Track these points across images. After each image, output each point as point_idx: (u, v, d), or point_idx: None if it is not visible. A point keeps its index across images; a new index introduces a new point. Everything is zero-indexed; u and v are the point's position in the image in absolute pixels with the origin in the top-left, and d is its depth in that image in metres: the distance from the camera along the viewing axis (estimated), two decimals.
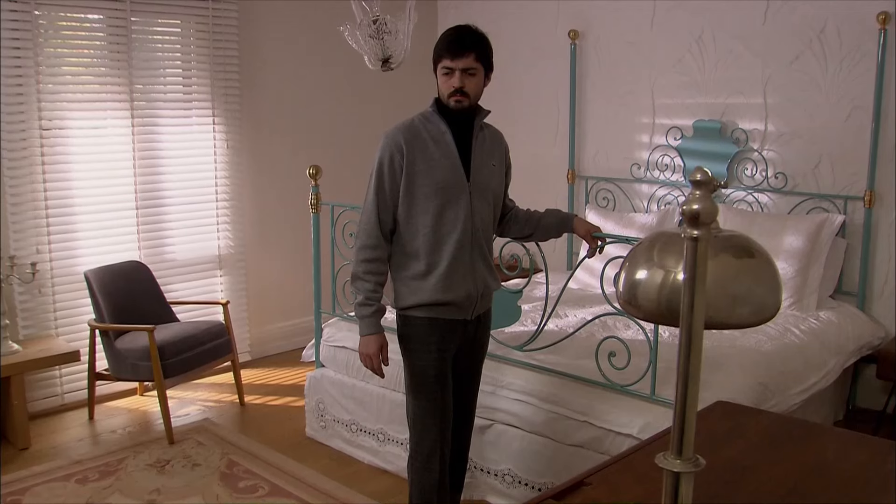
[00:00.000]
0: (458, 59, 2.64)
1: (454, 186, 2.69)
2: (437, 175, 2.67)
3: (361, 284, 2.75)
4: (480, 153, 2.77)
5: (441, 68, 2.67)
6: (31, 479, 3.72)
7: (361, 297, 2.75)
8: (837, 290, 4.37)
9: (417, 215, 2.69)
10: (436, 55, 2.70)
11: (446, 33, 2.70)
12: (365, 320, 2.76)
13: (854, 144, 4.28)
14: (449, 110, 2.71)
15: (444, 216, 2.69)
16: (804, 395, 3.51)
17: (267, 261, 5.52)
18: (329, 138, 5.72)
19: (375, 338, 2.77)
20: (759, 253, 0.96)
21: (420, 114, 2.78)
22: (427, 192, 2.67)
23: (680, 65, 4.94)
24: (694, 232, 0.85)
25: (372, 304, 2.74)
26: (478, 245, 2.77)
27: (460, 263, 2.72)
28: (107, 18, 4.60)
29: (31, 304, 4.42)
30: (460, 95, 2.67)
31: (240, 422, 4.47)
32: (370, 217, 2.73)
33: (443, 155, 2.70)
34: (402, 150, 2.68)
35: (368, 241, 2.74)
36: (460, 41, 2.65)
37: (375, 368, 2.80)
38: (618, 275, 1.04)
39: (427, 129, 2.72)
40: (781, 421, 2.20)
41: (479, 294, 2.80)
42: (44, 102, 4.38)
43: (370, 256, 2.74)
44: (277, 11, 5.37)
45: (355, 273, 2.76)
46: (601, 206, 5.35)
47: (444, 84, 2.68)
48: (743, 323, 0.96)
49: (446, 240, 2.69)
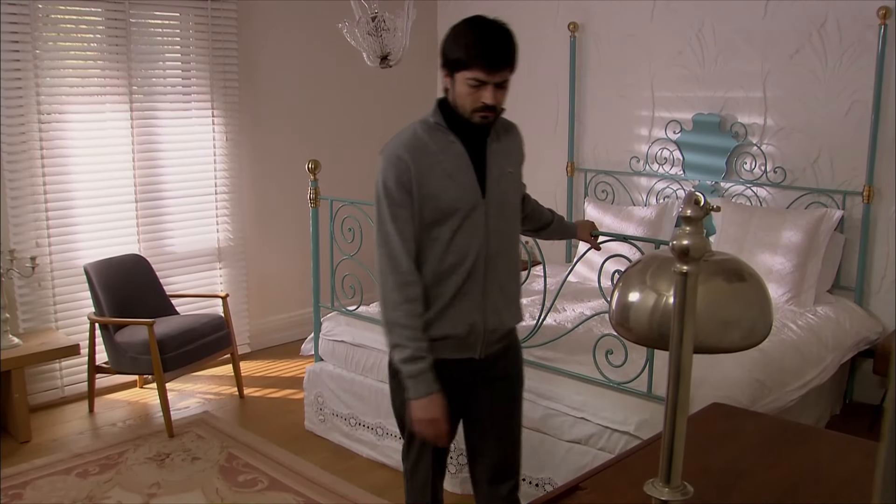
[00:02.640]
0: (495, 73, 2.17)
1: (468, 206, 2.25)
2: (450, 195, 2.24)
3: (403, 333, 2.22)
4: (496, 161, 2.33)
5: (468, 79, 2.18)
6: (32, 472, 3.75)
7: (409, 351, 2.21)
8: (835, 285, 4.38)
9: (425, 245, 2.27)
10: (460, 60, 2.19)
11: (478, 37, 2.18)
12: (419, 379, 2.21)
13: (853, 139, 4.28)
14: (462, 120, 2.26)
15: (455, 242, 2.26)
16: (801, 391, 3.53)
17: (266, 253, 5.53)
18: (328, 131, 5.72)
19: (436, 397, 2.22)
20: (751, 276, 0.97)
21: (421, 121, 2.31)
22: (437, 216, 2.24)
23: (680, 58, 4.93)
24: (683, 267, 0.86)
25: (424, 356, 2.22)
26: (494, 271, 2.32)
27: (467, 295, 2.29)
28: (106, 11, 4.59)
29: (31, 298, 4.43)
30: (489, 112, 2.23)
31: (239, 415, 4.50)
32: (395, 249, 2.23)
33: (455, 170, 2.26)
34: (408, 169, 2.21)
35: (402, 278, 2.23)
36: (502, 52, 2.19)
37: (441, 434, 2.27)
38: (612, 294, 1.05)
39: (433, 141, 2.26)
40: (776, 423, 2.22)
41: (489, 329, 2.34)
42: (42, 96, 4.38)
43: (409, 295, 2.23)
44: (276, 3, 5.35)
45: (392, 320, 2.23)
46: (600, 199, 5.35)
47: (468, 96, 2.20)
48: (734, 347, 0.96)
49: (455, 269, 2.27)
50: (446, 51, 2.24)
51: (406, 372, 2.22)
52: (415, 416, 2.24)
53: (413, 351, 2.20)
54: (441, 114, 2.28)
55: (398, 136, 2.30)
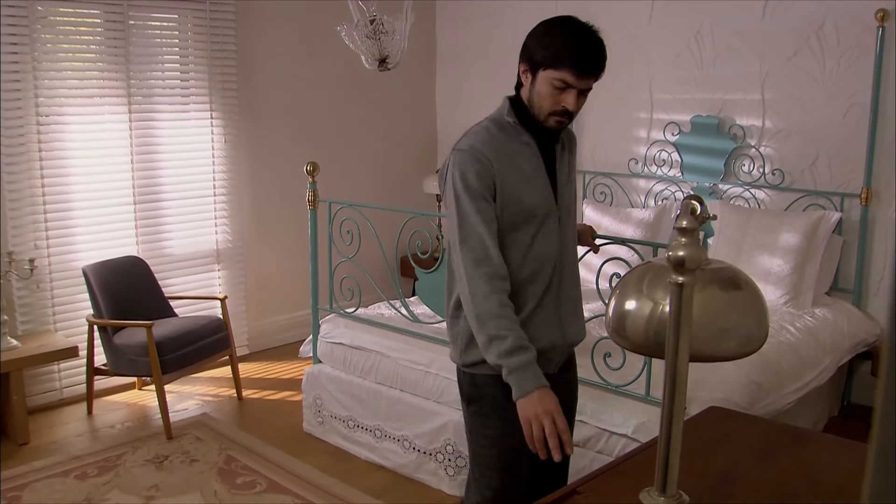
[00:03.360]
0: (585, 78, 2.07)
1: (544, 212, 2.15)
2: (529, 199, 2.12)
3: (500, 323, 2.01)
4: (563, 167, 2.25)
5: (553, 79, 2.06)
6: (30, 474, 3.74)
7: (510, 341, 1.99)
8: (833, 287, 4.39)
9: (504, 249, 2.11)
10: (548, 58, 2.08)
11: (574, 37, 2.09)
12: (526, 372, 1.99)
13: (851, 142, 4.29)
14: (533, 121, 2.15)
15: (534, 249, 2.14)
16: (799, 393, 3.53)
17: (265, 255, 5.53)
18: (326, 133, 5.72)
19: (548, 391, 2.00)
20: (747, 284, 0.97)
21: (492, 121, 2.19)
22: (517, 221, 2.12)
23: (678, 60, 4.93)
24: (679, 278, 0.86)
25: (528, 346, 2.02)
26: (567, 283, 2.24)
27: (547, 307, 2.18)
28: (104, 13, 4.59)
29: (30, 300, 4.43)
30: (566, 117, 2.12)
31: (238, 417, 4.50)
32: (483, 243, 2.06)
33: (532, 173, 2.15)
34: (490, 168, 2.08)
35: (492, 270, 2.05)
36: (596, 57, 2.09)
37: (562, 430, 1.98)
38: (608, 302, 1.05)
39: (509, 141, 2.15)
40: (773, 427, 2.22)
41: (567, 344, 2.27)
42: (41, 98, 4.38)
43: (502, 286, 2.05)
44: (275, 4, 5.35)
45: (485, 311, 2.02)
46: (598, 200, 5.36)
47: (549, 98, 2.08)
48: (730, 355, 0.97)
49: (534, 278, 2.15)
50: (533, 46, 2.13)
51: (509, 366, 1.99)
52: (529, 413, 1.96)
53: (514, 340, 1.99)
54: (514, 116, 2.16)
55: (471, 133, 2.18)
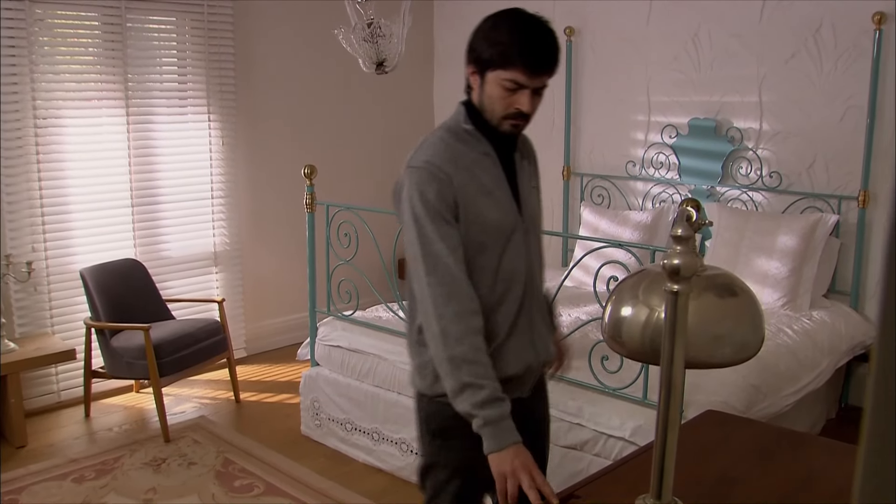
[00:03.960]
0: (537, 76, 1.88)
1: (510, 227, 1.97)
2: (492, 214, 1.94)
3: (475, 370, 1.81)
4: (524, 175, 2.07)
5: (503, 80, 1.87)
6: (28, 477, 3.74)
7: (486, 392, 1.80)
8: (831, 290, 4.39)
9: (471, 274, 1.91)
10: (496, 58, 1.87)
11: (521, 33, 1.86)
12: (502, 426, 1.80)
13: (849, 144, 4.29)
14: (490, 128, 1.96)
15: (502, 269, 1.96)
16: (796, 395, 3.53)
17: (262, 257, 5.53)
18: (324, 136, 5.72)
19: (522, 447, 1.80)
20: (743, 291, 0.97)
21: (447, 129, 1.99)
22: (483, 240, 1.93)
23: (676, 62, 4.93)
24: (674, 286, 0.86)
25: (503, 398, 1.82)
26: (537, 300, 2.06)
27: (521, 328, 2.00)
28: (102, 15, 4.59)
29: (27, 303, 4.43)
30: (521, 120, 1.95)
31: (235, 419, 4.49)
32: (450, 273, 1.86)
33: (493, 186, 1.96)
34: (451, 185, 1.89)
35: (462, 306, 1.85)
36: (547, 53, 1.89)
37: (541, 483, 1.73)
38: (604, 308, 1.05)
39: (466, 151, 1.95)
40: (770, 431, 2.22)
41: (541, 363, 2.08)
42: (39, 100, 4.37)
43: (474, 326, 1.86)
44: (272, 7, 5.35)
45: (458, 355, 1.82)
46: (596, 203, 5.36)
47: (500, 100, 1.90)
48: (725, 362, 0.97)
49: (505, 298, 1.96)
50: (478, 45, 1.91)
51: (485, 418, 1.79)
52: (505, 468, 1.77)
53: (490, 391, 1.80)
54: (470, 122, 1.97)
55: (427, 144, 1.97)
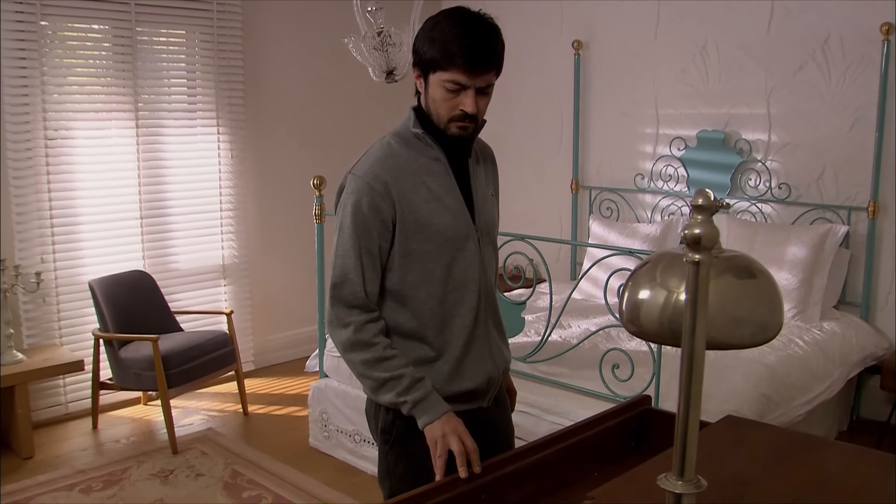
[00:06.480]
0: (478, 75, 1.83)
1: (461, 235, 1.93)
2: (440, 221, 1.90)
3: (390, 364, 1.88)
4: (480, 181, 2.02)
5: (444, 81, 1.83)
6: (35, 488, 3.73)
7: (406, 380, 1.86)
8: (841, 301, 4.37)
9: (419, 284, 1.92)
10: (435, 59, 1.84)
11: (458, 32, 1.81)
12: (429, 401, 1.86)
13: (858, 155, 4.29)
14: (440, 132, 1.91)
15: (453, 278, 1.93)
16: (808, 406, 3.51)
17: (271, 270, 5.53)
18: (333, 146, 5.73)
19: (453, 415, 1.86)
20: (761, 273, 0.97)
21: (395, 135, 1.96)
22: (429, 249, 1.90)
23: (684, 75, 4.94)
24: (696, 256, 0.85)
25: (423, 377, 1.88)
26: (492, 309, 2.04)
27: (480, 339, 1.99)
28: (112, 28, 4.63)
29: (36, 314, 4.43)
30: (469, 121, 1.88)
31: (243, 431, 4.48)
32: (352, 288, 1.89)
33: (443, 192, 1.92)
34: (389, 195, 1.86)
35: (363, 317, 1.90)
36: (486, 51, 1.83)
37: (474, 447, 1.78)
38: (621, 293, 1.05)
39: (414, 157, 1.92)
40: (785, 434, 2.20)
41: (500, 371, 2.07)
42: (49, 112, 4.40)
43: (377, 330, 1.91)
44: (282, 21, 5.39)
45: (369, 359, 1.88)
46: (605, 216, 5.36)
47: (445, 102, 1.86)
48: (744, 343, 0.96)
49: (458, 310, 1.94)
50: (419, 47, 1.89)
51: (413, 399, 1.85)
52: (436, 433, 1.82)
53: (411, 377, 1.86)
54: (419, 126, 1.93)
55: (371, 152, 1.95)
